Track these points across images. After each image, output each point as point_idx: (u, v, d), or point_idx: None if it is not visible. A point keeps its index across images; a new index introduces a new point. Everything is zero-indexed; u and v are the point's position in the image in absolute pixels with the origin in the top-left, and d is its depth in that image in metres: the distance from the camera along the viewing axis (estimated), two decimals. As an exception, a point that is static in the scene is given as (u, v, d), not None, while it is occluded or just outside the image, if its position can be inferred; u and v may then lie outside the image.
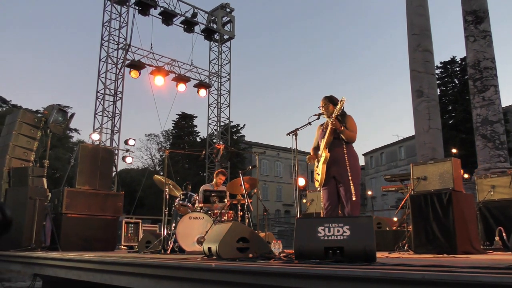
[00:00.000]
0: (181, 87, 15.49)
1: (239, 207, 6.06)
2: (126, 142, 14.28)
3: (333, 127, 4.17)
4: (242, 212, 6.10)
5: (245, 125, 44.20)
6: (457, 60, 33.66)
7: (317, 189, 5.31)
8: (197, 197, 6.21)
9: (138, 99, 67.15)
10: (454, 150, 21.61)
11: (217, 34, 17.84)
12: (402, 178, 6.81)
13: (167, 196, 6.02)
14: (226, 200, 6.07)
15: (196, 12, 16.49)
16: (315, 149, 4.49)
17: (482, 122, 10.32)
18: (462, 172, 5.21)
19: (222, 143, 13.42)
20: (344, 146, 4.24)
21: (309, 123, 4.28)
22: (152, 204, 30.31)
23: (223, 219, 5.77)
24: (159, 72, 14.70)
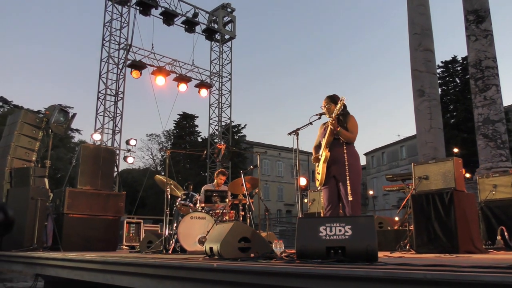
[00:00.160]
0: (182, 87, 15.50)
1: (241, 207, 6.06)
2: (127, 142, 14.30)
3: (332, 127, 4.17)
4: (243, 212, 6.10)
5: (246, 125, 44.12)
6: (459, 60, 33.65)
7: (318, 189, 5.30)
8: (199, 197, 6.21)
9: (139, 99, 67.09)
10: (455, 150, 21.60)
11: (218, 34, 17.84)
12: (403, 177, 6.78)
13: (169, 196, 6.03)
14: (227, 200, 6.08)
15: (197, 12, 16.49)
16: (317, 147, 4.47)
17: (484, 122, 10.30)
18: (463, 171, 5.20)
19: (223, 143, 13.40)
20: (344, 146, 4.24)
21: (311, 123, 4.27)
22: (154, 204, 30.35)
23: (224, 219, 5.77)
24: (160, 72, 14.71)
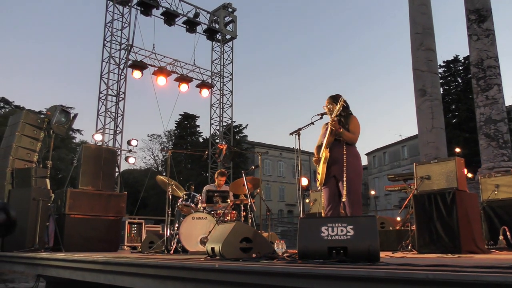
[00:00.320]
0: (184, 87, 15.51)
1: (242, 207, 6.05)
2: (128, 142, 14.32)
3: (332, 127, 4.15)
4: (245, 212, 6.10)
5: (247, 125, 44.24)
6: (460, 59, 33.60)
7: (319, 189, 5.29)
8: (200, 197, 6.21)
9: (141, 100, 67.22)
10: (457, 149, 21.56)
11: (219, 34, 17.85)
12: (405, 177, 6.77)
13: (170, 197, 6.02)
14: (229, 200, 6.07)
15: (198, 12, 16.51)
16: (319, 147, 4.45)
17: (486, 121, 10.28)
18: (465, 171, 5.19)
19: (224, 143, 13.39)
20: (345, 146, 4.22)
21: (312, 123, 4.25)
22: (155, 205, 30.39)
23: (226, 219, 5.76)
24: (162, 72, 14.72)
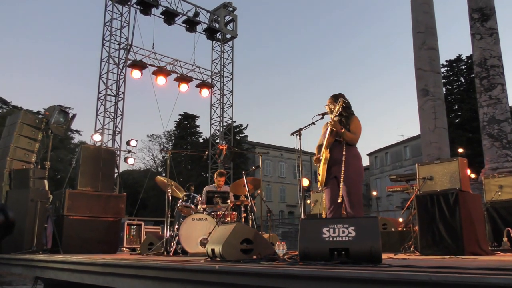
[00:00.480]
0: (183, 87, 15.48)
1: (243, 208, 6.02)
2: (128, 143, 14.29)
3: (332, 128, 4.10)
4: (245, 213, 6.07)
5: (248, 125, 44.35)
6: (463, 58, 33.58)
7: (319, 190, 5.24)
8: (200, 198, 6.16)
9: (140, 100, 67.33)
10: (460, 150, 21.53)
11: (219, 33, 17.81)
12: (407, 178, 6.73)
13: (170, 198, 5.98)
14: (229, 201, 6.03)
15: (198, 11, 16.47)
16: (320, 146, 4.40)
17: (489, 121, 10.22)
18: (469, 172, 5.13)
19: (225, 144, 13.34)
20: (345, 147, 4.17)
21: (313, 123, 4.22)
22: (155, 206, 30.40)
23: (226, 220, 5.72)
24: (161, 72, 14.68)
